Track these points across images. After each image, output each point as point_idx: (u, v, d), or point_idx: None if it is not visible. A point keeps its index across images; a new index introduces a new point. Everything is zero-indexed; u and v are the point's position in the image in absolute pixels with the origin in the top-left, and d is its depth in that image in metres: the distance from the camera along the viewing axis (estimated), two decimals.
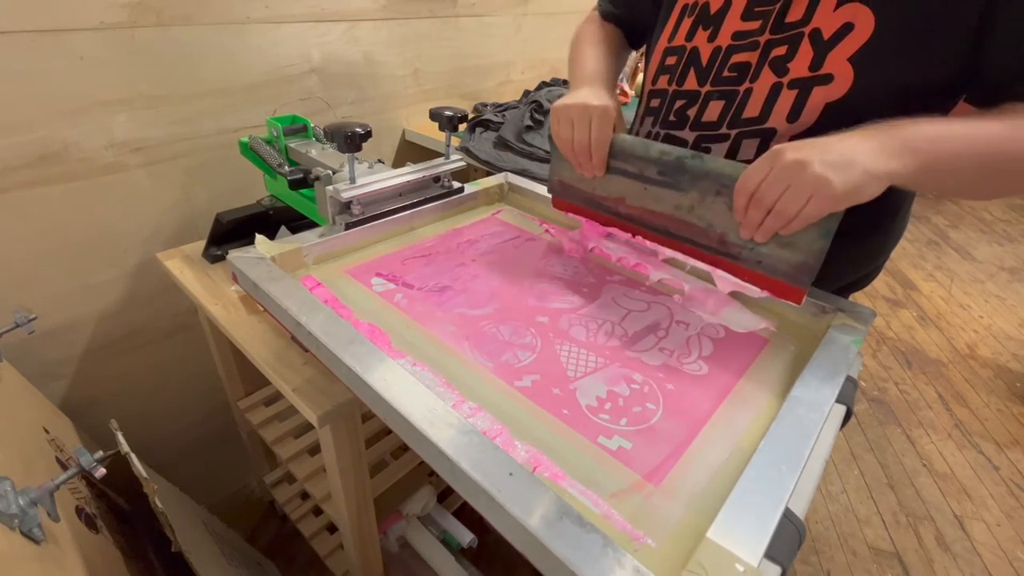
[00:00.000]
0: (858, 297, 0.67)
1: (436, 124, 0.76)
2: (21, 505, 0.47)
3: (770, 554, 0.32)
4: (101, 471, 0.57)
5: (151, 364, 1.00)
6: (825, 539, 1.33)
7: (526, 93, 1.43)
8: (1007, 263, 2.68)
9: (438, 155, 0.81)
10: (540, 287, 0.64)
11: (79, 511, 0.59)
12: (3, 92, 0.71)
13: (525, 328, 0.57)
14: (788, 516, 0.35)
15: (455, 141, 0.78)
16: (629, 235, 0.66)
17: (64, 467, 0.64)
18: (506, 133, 1.24)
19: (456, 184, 0.81)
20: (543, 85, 1.47)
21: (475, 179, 0.88)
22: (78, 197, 0.82)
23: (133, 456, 0.61)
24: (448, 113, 0.74)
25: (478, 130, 1.28)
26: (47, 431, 0.69)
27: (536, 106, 1.29)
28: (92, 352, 0.92)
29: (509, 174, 0.91)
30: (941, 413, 1.73)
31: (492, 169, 1.16)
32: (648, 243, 0.65)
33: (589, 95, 0.62)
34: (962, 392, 1.82)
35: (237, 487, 1.25)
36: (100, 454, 0.57)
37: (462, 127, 1.01)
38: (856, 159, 0.44)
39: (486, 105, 1.38)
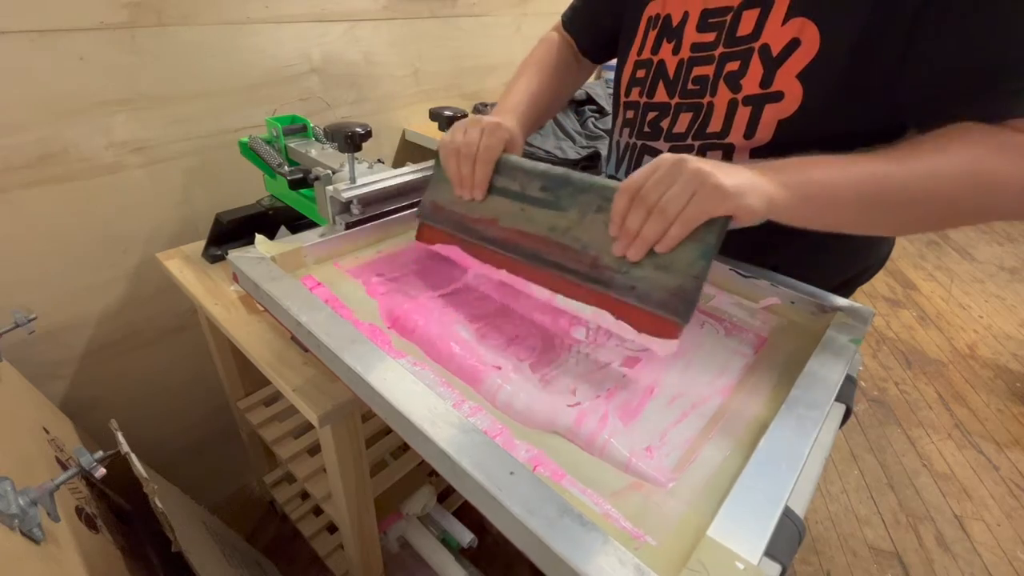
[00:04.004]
0: (858, 297, 0.67)
1: (436, 124, 0.76)
2: (21, 505, 0.47)
3: (770, 552, 0.33)
4: (101, 471, 0.57)
5: (151, 364, 1.00)
6: (825, 539, 1.33)
7: None
8: (1007, 263, 2.68)
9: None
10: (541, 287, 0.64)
11: (79, 511, 0.59)
12: (3, 92, 0.71)
13: (526, 328, 0.57)
14: (788, 514, 0.35)
15: None
16: (491, 267, 0.60)
17: (64, 467, 0.64)
18: None
19: None
20: None
21: None
22: (78, 197, 0.82)
23: (133, 456, 0.61)
24: (448, 113, 0.74)
25: None
26: (47, 431, 0.69)
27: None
28: (92, 352, 0.92)
29: None
30: (941, 413, 1.73)
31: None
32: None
33: (491, 117, 0.61)
34: (962, 392, 1.82)
35: (237, 487, 1.25)
36: (100, 454, 0.57)
37: None
38: (741, 170, 0.44)
39: (486, 105, 1.38)
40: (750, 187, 0.43)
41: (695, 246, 0.45)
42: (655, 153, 0.66)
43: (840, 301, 0.57)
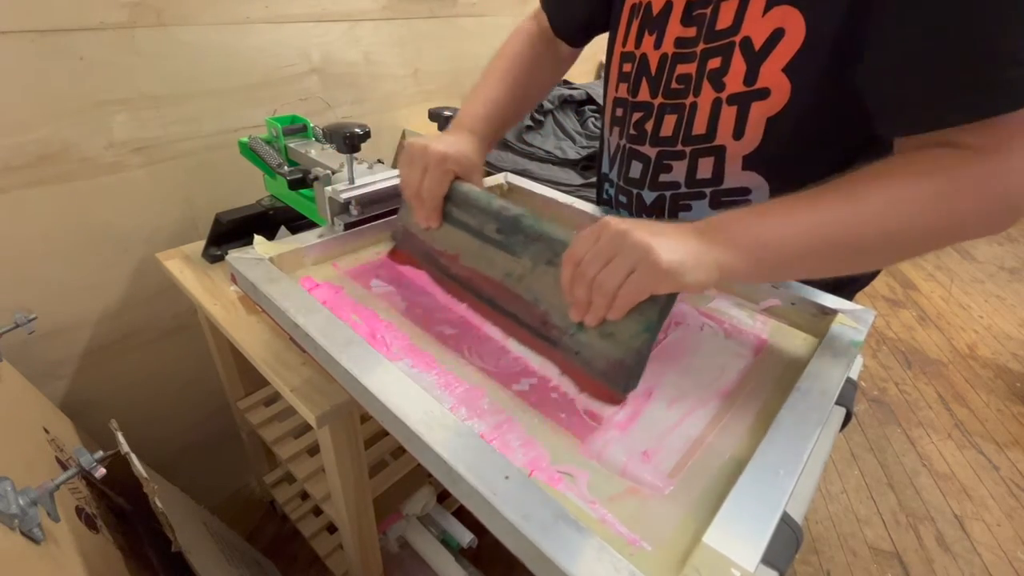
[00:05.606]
0: (858, 298, 0.67)
1: (436, 124, 0.76)
2: (21, 505, 0.47)
3: (767, 559, 0.32)
4: (101, 471, 0.57)
5: (151, 364, 1.00)
6: (825, 539, 1.33)
7: None
8: (1007, 263, 2.67)
9: None
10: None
11: (79, 511, 0.60)
12: (3, 92, 0.71)
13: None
14: (786, 520, 0.35)
15: None
16: (460, 302, 0.59)
17: (64, 467, 0.64)
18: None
19: None
20: None
21: None
22: (78, 197, 0.82)
23: (133, 456, 0.61)
24: (448, 113, 0.74)
25: None
26: (47, 431, 0.69)
27: (536, 106, 1.29)
28: (92, 352, 0.92)
29: (509, 174, 0.91)
30: (941, 413, 1.73)
31: (492, 169, 1.16)
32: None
33: (442, 140, 0.58)
34: (962, 392, 1.82)
35: (237, 487, 1.25)
36: (100, 454, 0.57)
37: None
38: (689, 239, 0.42)
39: None
40: (694, 262, 0.41)
41: (638, 319, 0.44)
42: (642, 158, 0.63)
43: (841, 303, 0.57)
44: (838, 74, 0.47)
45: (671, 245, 0.41)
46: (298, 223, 0.87)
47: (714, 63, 0.53)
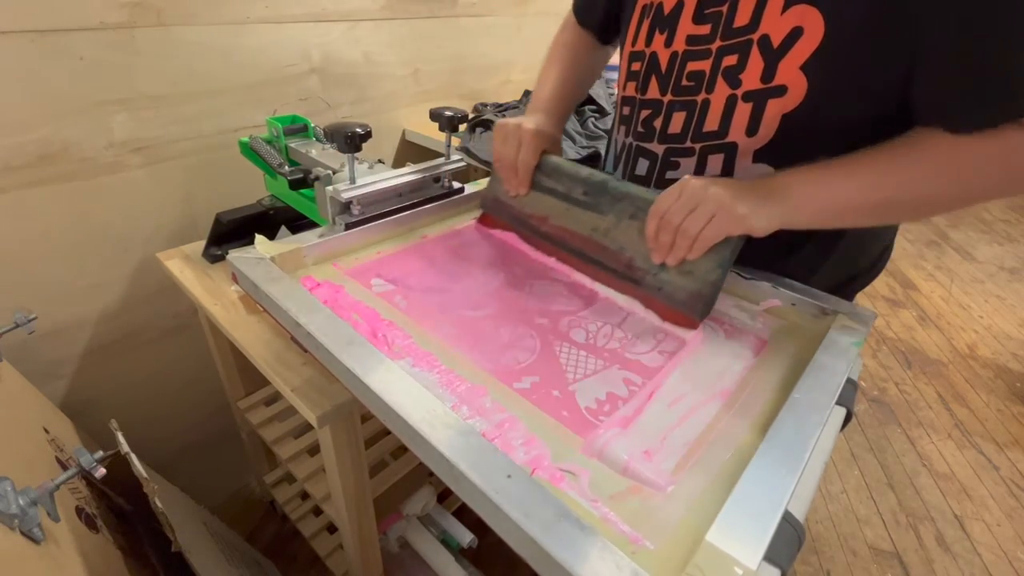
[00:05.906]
0: (858, 297, 0.67)
1: (436, 124, 0.76)
2: (21, 505, 0.47)
3: (769, 557, 0.32)
4: (101, 471, 0.57)
5: (151, 364, 1.00)
6: (825, 539, 1.33)
7: (526, 93, 1.43)
8: (1007, 263, 2.68)
9: (438, 155, 0.81)
10: (540, 289, 0.64)
11: (79, 511, 0.59)
12: (3, 92, 0.71)
13: (524, 330, 0.57)
14: (787, 519, 0.35)
15: (455, 141, 0.78)
16: (548, 256, 0.69)
17: (64, 467, 0.64)
18: None
19: (456, 184, 0.81)
20: None
21: (475, 179, 0.88)
22: (78, 197, 0.82)
23: (133, 456, 0.61)
24: (448, 113, 0.74)
25: (478, 130, 1.28)
26: (47, 431, 0.69)
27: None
28: (92, 352, 0.92)
29: None
30: (941, 413, 1.73)
31: (492, 169, 1.16)
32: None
33: (529, 120, 0.68)
34: (962, 392, 1.82)
35: (237, 487, 1.25)
36: (100, 454, 0.57)
37: (462, 127, 1.01)
38: (757, 193, 0.50)
39: (486, 105, 1.38)
40: (761, 211, 0.50)
41: (713, 258, 0.53)
42: (649, 155, 0.64)
43: (841, 303, 0.57)
44: (855, 70, 0.48)
45: (744, 197, 0.50)
46: (299, 223, 0.87)
47: (730, 60, 0.54)
